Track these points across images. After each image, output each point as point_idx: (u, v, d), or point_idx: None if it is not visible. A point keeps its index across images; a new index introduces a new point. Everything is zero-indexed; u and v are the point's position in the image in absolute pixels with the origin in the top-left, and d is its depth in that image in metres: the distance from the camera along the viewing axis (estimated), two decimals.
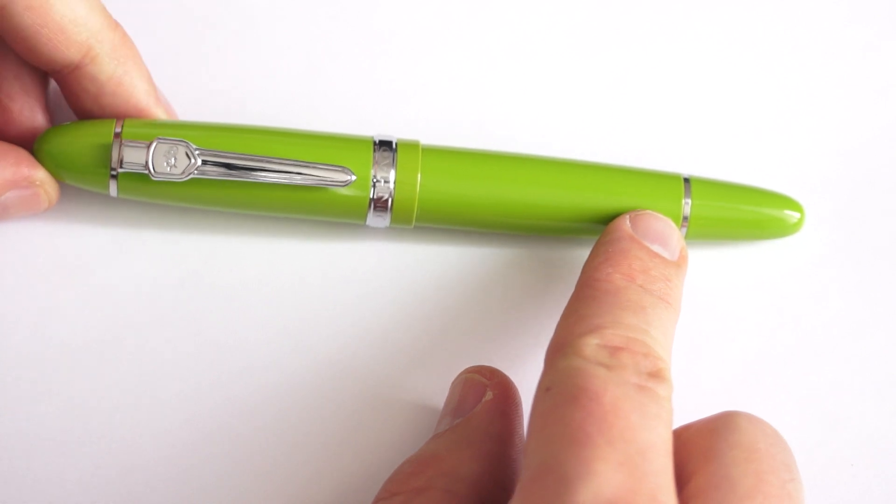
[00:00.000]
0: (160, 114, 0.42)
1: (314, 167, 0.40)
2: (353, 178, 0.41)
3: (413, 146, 0.41)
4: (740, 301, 0.44)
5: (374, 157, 0.41)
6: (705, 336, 0.43)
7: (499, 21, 0.47)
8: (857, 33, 0.47)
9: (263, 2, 0.46)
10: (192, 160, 0.40)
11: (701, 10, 0.47)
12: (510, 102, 0.46)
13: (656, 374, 0.35)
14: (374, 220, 0.41)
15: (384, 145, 0.41)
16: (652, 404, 0.34)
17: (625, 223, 0.41)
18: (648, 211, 0.41)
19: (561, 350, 0.36)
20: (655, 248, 0.40)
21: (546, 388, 0.35)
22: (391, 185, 0.41)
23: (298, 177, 0.40)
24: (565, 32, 0.47)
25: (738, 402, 0.42)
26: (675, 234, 0.41)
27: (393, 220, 0.42)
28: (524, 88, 0.46)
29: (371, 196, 0.41)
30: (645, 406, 0.34)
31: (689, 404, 0.42)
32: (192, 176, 0.40)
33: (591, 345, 0.36)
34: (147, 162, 0.40)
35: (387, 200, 0.41)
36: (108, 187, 0.41)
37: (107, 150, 0.40)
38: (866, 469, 0.42)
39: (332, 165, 0.41)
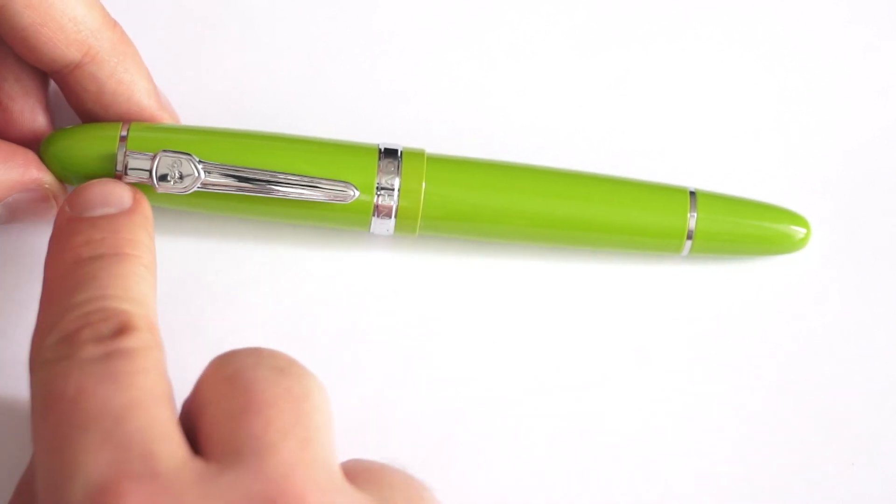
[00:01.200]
0: (163, 115, 0.41)
1: (319, 183, 0.40)
2: (357, 193, 0.41)
3: (418, 154, 0.41)
4: (740, 301, 0.44)
5: (379, 165, 0.41)
6: (706, 336, 0.43)
7: (503, 27, 0.46)
8: (857, 33, 0.47)
9: (263, 2, 0.46)
10: (197, 174, 0.40)
11: (701, 10, 0.47)
12: (513, 107, 0.46)
13: (122, 330, 0.33)
14: (378, 227, 0.41)
15: (389, 153, 0.41)
16: (123, 363, 0.33)
17: (63, 209, 0.38)
18: (84, 184, 0.39)
19: (30, 367, 0.34)
20: (99, 212, 0.38)
21: (31, 414, 0.33)
22: (395, 193, 0.41)
23: (302, 194, 0.40)
24: (570, 42, 0.47)
25: (739, 402, 0.42)
26: (113, 187, 0.38)
27: (397, 229, 0.41)
28: (527, 96, 0.46)
29: (375, 203, 0.41)
30: (114, 370, 0.32)
31: (691, 408, 0.42)
32: (195, 189, 0.40)
33: (49, 346, 0.34)
34: (151, 175, 0.40)
35: (391, 208, 0.41)
36: None
37: (113, 155, 0.40)
38: (866, 469, 0.42)
39: (336, 182, 0.40)
